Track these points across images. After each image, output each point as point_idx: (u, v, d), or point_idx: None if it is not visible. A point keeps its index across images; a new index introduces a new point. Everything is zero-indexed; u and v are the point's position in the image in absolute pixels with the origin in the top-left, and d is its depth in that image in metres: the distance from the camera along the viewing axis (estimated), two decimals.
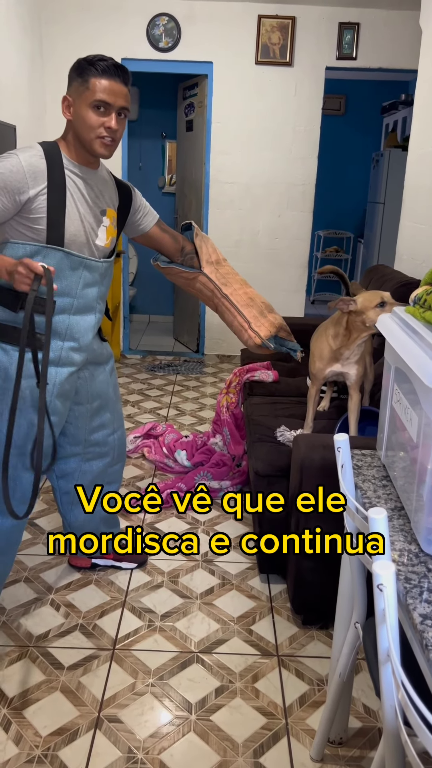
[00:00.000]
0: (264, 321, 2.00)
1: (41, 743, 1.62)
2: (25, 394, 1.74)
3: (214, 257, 2.06)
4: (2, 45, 3.56)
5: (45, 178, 1.62)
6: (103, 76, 1.61)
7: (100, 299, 1.84)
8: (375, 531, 1.03)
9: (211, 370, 4.87)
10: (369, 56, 4.54)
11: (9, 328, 1.70)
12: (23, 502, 1.83)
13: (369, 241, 6.65)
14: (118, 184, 1.89)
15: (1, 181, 1.57)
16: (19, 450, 1.77)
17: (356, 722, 1.73)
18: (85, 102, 1.62)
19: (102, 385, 1.97)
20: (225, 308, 2.03)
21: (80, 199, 1.69)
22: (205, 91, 4.66)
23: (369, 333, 2.12)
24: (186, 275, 2.05)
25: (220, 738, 1.66)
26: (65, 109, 1.67)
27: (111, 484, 2.16)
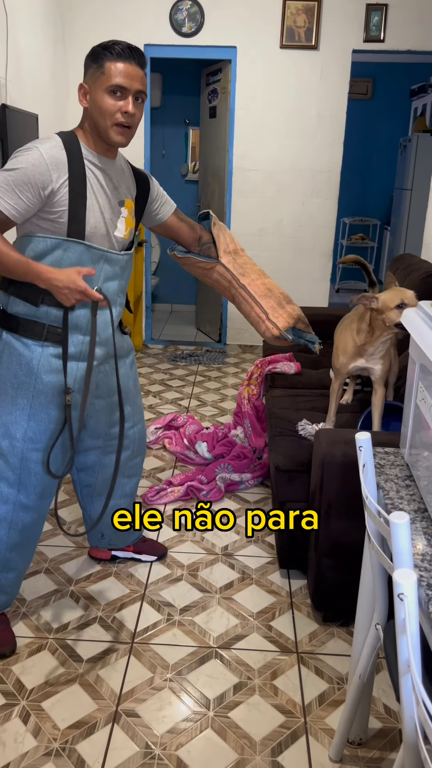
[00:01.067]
0: (282, 312, 1.96)
1: (59, 736, 1.62)
2: (46, 390, 1.73)
3: (232, 247, 2.02)
4: (25, 33, 3.54)
5: (66, 169, 1.59)
6: (118, 60, 1.58)
7: (121, 292, 1.82)
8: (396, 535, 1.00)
9: (233, 360, 4.84)
10: (397, 38, 4.42)
11: (30, 322, 1.69)
12: (43, 496, 1.83)
13: (396, 228, 6.52)
14: (136, 174, 1.86)
15: (25, 176, 1.55)
16: (39, 445, 1.76)
17: (376, 723, 1.70)
18: (101, 87, 1.59)
19: (122, 379, 1.95)
20: (242, 299, 2.00)
21: (99, 190, 1.67)
22: (229, 76, 4.59)
23: (392, 332, 2.07)
24: (203, 265, 2.01)
25: (237, 735, 1.64)
26: (82, 97, 1.64)
27: (132, 477, 2.15)
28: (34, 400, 1.72)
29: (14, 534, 1.81)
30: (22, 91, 3.51)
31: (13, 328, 1.70)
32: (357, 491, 1.85)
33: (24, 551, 1.87)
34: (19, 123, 3.22)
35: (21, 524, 1.81)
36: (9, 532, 1.80)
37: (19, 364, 1.71)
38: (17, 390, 1.72)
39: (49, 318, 1.68)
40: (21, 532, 1.82)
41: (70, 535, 1.82)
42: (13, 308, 1.70)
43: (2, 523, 1.79)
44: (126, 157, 4.80)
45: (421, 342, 1.30)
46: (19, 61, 3.46)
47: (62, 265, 1.64)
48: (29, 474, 1.78)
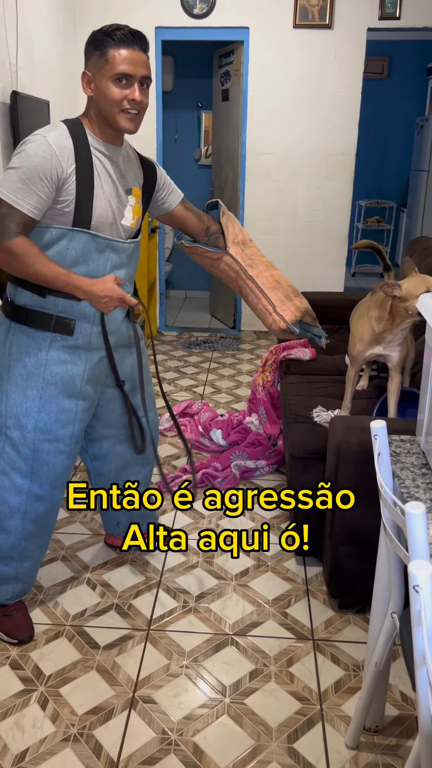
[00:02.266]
0: (290, 305, 1.93)
1: (77, 722, 1.64)
2: (56, 380, 1.73)
3: (240, 237, 1.99)
4: (35, 19, 3.50)
5: (73, 158, 1.57)
6: (121, 46, 1.55)
7: (128, 281, 1.81)
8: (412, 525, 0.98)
9: (247, 346, 4.82)
10: (414, 15, 4.31)
11: (38, 313, 1.68)
12: (56, 486, 1.84)
13: (412, 210, 6.42)
14: (142, 161, 1.83)
15: (37, 170, 1.52)
16: (50, 435, 1.77)
17: (393, 710, 1.70)
18: (105, 76, 1.56)
19: (132, 368, 1.95)
20: (250, 290, 1.97)
21: (106, 178, 1.65)
22: (241, 58, 4.52)
23: (413, 320, 2.03)
24: (210, 255, 1.99)
25: (254, 722, 1.65)
26: (86, 86, 1.61)
27: (145, 465, 2.15)
28: (44, 391, 1.73)
29: (29, 524, 1.83)
30: (33, 77, 3.49)
31: (21, 320, 1.70)
32: (373, 479, 1.83)
33: (39, 540, 1.89)
34: (30, 110, 3.20)
35: (35, 514, 1.83)
36: (23, 522, 1.82)
37: (27, 355, 1.71)
38: (27, 381, 1.72)
39: (57, 308, 1.68)
40: (35, 522, 1.84)
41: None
42: (20, 300, 1.70)
43: (16, 514, 1.80)
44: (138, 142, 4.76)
45: None
46: (29, 48, 3.43)
47: (67, 254, 1.64)
48: (41, 464, 1.78)
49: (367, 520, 1.88)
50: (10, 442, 1.76)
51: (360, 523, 1.90)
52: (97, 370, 1.80)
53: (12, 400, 1.73)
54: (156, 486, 2.73)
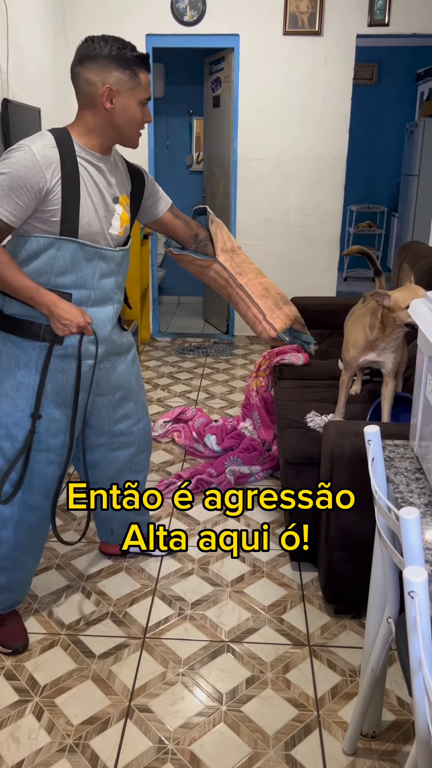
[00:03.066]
0: (279, 313, 1.94)
1: (73, 732, 1.63)
2: (46, 390, 1.72)
3: (229, 245, 1.99)
4: (25, 26, 3.51)
5: (59, 168, 1.57)
6: (147, 71, 1.63)
7: (118, 289, 1.80)
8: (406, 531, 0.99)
9: (241, 351, 4.82)
10: (402, 21, 4.35)
11: (27, 323, 1.68)
12: (48, 496, 1.83)
13: (403, 215, 6.46)
14: (130, 169, 1.83)
15: (20, 179, 1.52)
16: (41, 445, 1.76)
17: (390, 715, 1.69)
18: (135, 97, 1.61)
19: (123, 376, 1.94)
20: (239, 298, 1.98)
21: (93, 188, 1.65)
22: (232, 65, 4.54)
23: (402, 330, 2.04)
24: (200, 263, 1.99)
25: (251, 729, 1.64)
26: (106, 100, 1.59)
27: (138, 473, 2.15)
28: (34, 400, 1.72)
29: (21, 534, 1.82)
30: (23, 84, 3.49)
31: (11, 329, 1.69)
32: (367, 483, 1.84)
33: (32, 550, 1.88)
34: (21, 117, 3.20)
35: (27, 524, 1.82)
36: (16, 533, 1.81)
37: (17, 365, 1.70)
38: (17, 391, 1.71)
39: (46, 318, 1.67)
40: (28, 532, 1.83)
41: (64, 542, 1.83)
42: (9, 309, 1.69)
43: (8, 524, 1.79)
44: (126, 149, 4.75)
45: (429, 334, 1.28)
46: (20, 55, 3.43)
47: (56, 263, 1.63)
48: (32, 474, 1.78)
49: (361, 524, 1.88)
50: (1, 452, 1.74)
51: (355, 528, 1.90)
52: (86, 378, 1.79)
53: (2, 410, 1.72)
54: (155, 487, 2.72)
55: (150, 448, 2.17)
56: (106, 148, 1.67)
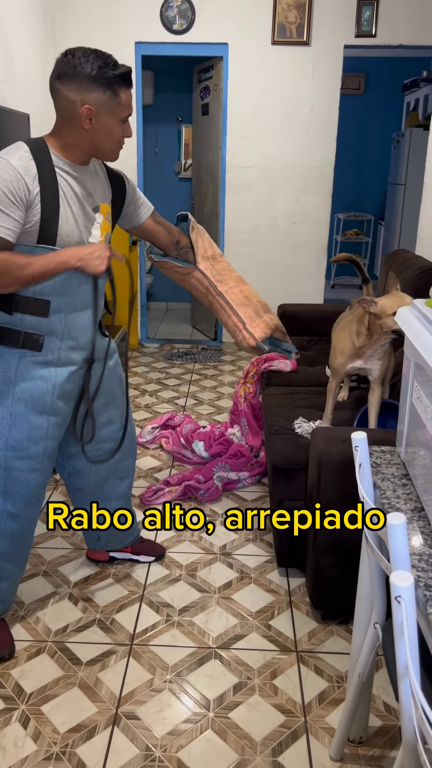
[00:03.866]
0: (259, 322, 1.95)
1: (59, 740, 1.62)
2: (25, 397, 1.71)
3: (210, 252, 2.00)
4: (15, 32, 3.51)
5: (37, 180, 1.56)
6: (129, 88, 1.60)
7: (99, 295, 1.80)
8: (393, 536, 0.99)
9: (229, 357, 4.84)
10: (389, 33, 4.40)
11: (6, 330, 1.67)
12: (30, 504, 1.82)
13: (390, 223, 6.52)
14: (110, 175, 1.82)
15: (7, 191, 1.50)
16: (22, 453, 1.75)
17: (376, 721, 1.70)
18: (115, 116, 1.60)
19: (105, 381, 1.93)
20: (219, 306, 1.98)
21: (72, 197, 1.64)
22: (221, 73, 4.57)
23: (389, 337, 2.06)
24: (180, 270, 1.99)
25: (238, 736, 1.64)
26: (85, 120, 1.57)
27: (124, 479, 2.14)
28: (14, 408, 1.71)
29: (4, 543, 1.80)
30: (12, 90, 3.49)
31: None
32: (354, 489, 1.84)
33: (16, 559, 1.86)
34: (10, 123, 3.20)
35: (10, 533, 1.81)
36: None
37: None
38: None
39: (24, 325, 1.66)
40: (10, 541, 1.82)
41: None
42: None
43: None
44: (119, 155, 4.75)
45: (415, 341, 1.30)
46: (10, 62, 3.44)
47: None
48: (14, 482, 1.77)
49: (348, 530, 1.89)
50: None
51: (342, 534, 1.91)
52: (68, 385, 1.78)
53: None
54: (127, 509, 2.72)
55: (135, 454, 2.17)
56: (84, 159, 1.66)
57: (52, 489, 2.82)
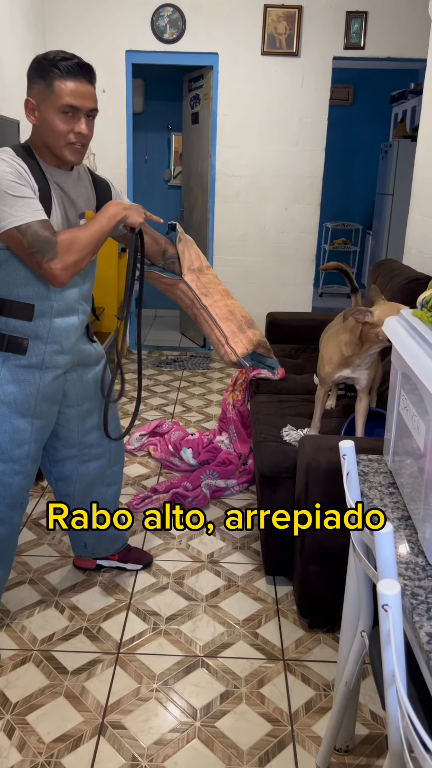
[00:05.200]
0: (242, 337, 1.95)
1: (45, 750, 1.60)
2: (9, 399, 1.71)
3: (197, 264, 1.99)
4: (6, 39, 3.52)
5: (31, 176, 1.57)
6: (68, 78, 1.52)
7: (83, 300, 1.79)
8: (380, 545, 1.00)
9: (217, 365, 4.84)
10: (377, 45, 4.46)
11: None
12: (14, 507, 1.81)
13: (378, 232, 6.57)
14: (95, 182, 1.82)
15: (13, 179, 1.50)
16: (5, 455, 1.74)
17: (363, 729, 1.70)
18: (51, 107, 1.54)
19: (91, 387, 1.93)
20: (203, 319, 1.98)
21: (59, 204, 1.64)
22: (211, 82, 4.60)
23: (382, 345, 2.07)
24: (166, 281, 1.99)
25: (225, 745, 1.64)
26: (29, 114, 1.58)
27: (111, 485, 2.13)
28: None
29: None
30: (3, 97, 3.49)
31: None
32: (342, 497, 1.86)
33: (1, 562, 1.85)
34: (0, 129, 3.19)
35: None
36: None
37: None
38: None
39: (8, 328, 1.66)
40: None
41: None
42: None
43: None
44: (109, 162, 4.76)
45: (402, 350, 1.31)
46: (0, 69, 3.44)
47: (18, 274, 1.61)
48: None
49: (336, 538, 1.90)
50: None
51: (329, 542, 1.91)
52: (52, 388, 1.78)
53: None
54: (125, 506, 2.71)
55: (122, 461, 2.16)
56: (58, 163, 1.64)
57: (39, 496, 2.81)
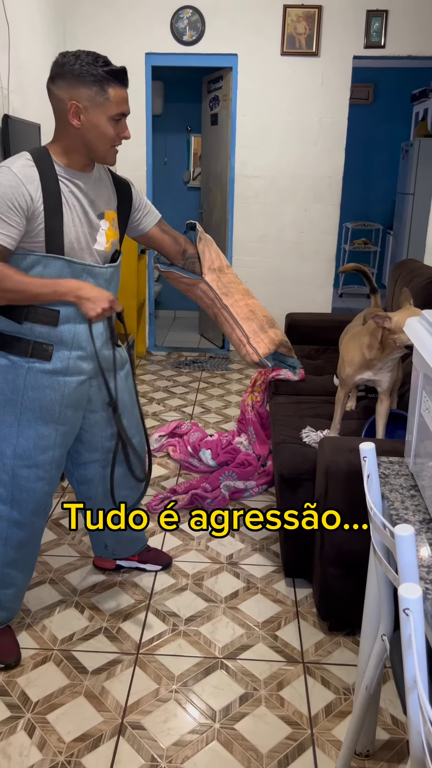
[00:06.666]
0: (264, 337, 1.93)
1: (65, 749, 1.61)
2: (33, 406, 1.72)
3: (217, 264, 1.98)
4: (26, 43, 3.55)
5: (39, 185, 1.57)
6: (121, 86, 1.59)
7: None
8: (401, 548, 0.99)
9: (236, 366, 4.84)
10: (398, 44, 4.42)
11: (15, 339, 1.68)
12: (37, 513, 1.83)
13: (398, 232, 6.52)
14: (116, 182, 1.82)
15: (7, 198, 1.52)
16: (29, 461, 1.76)
17: (384, 734, 1.69)
18: (104, 113, 1.58)
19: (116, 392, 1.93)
20: (224, 319, 1.97)
21: (75, 204, 1.65)
22: (230, 84, 4.60)
23: (402, 352, 2.05)
24: (186, 281, 1.98)
25: (244, 748, 1.63)
26: (72, 116, 1.59)
27: (132, 489, 2.14)
28: (22, 416, 1.72)
29: (10, 550, 1.81)
30: (24, 101, 3.53)
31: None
32: (362, 499, 1.84)
33: (22, 567, 1.87)
34: (21, 133, 3.23)
35: (16, 540, 1.81)
36: (4, 548, 1.80)
37: (5, 381, 1.70)
38: (4, 407, 1.71)
39: (34, 334, 1.67)
40: (16, 549, 1.82)
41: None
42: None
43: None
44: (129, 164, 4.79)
45: (424, 351, 1.30)
46: (21, 71, 3.47)
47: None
48: (21, 490, 1.77)
49: (356, 541, 1.88)
50: None
51: (349, 545, 1.90)
52: (76, 394, 1.78)
53: None
54: (143, 507, 2.72)
55: (145, 464, 2.17)
56: (84, 164, 1.67)
57: (59, 496, 2.83)
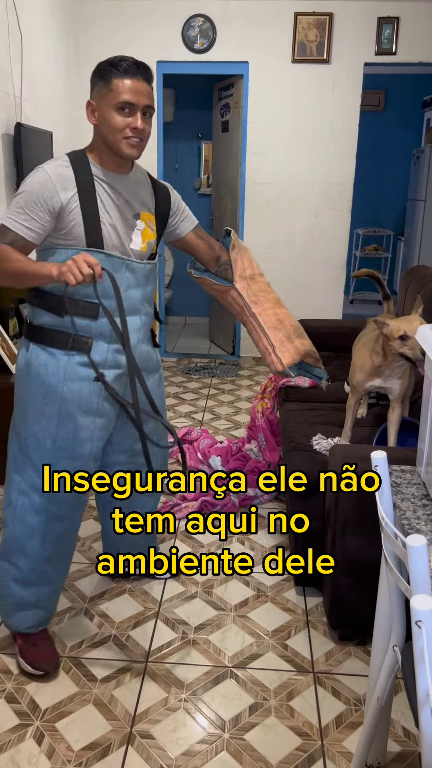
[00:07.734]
0: (289, 347, 1.93)
1: (73, 758, 1.61)
2: (73, 397, 1.73)
3: (249, 272, 1.99)
4: (39, 52, 3.59)
5: (74, 185, 1.62)
6: (125, 76, 1.60)
7: (146, 302, 1.82)
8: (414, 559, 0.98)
9: (246, 372, 4.83)
10: (409, 50, 4.42)
11: (56, 332, 1.71)
12: (75, 507, 1.84)
13: (410, 239, 6.49)
14: (155, 185, 1.85)
15: (33, 196, 1.59)
16: (68, 453, 1.77)
17: (395, 746, 1.66)
18: (109, 104, 1.61)
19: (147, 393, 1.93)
20: (252, 327, 1.98)
21: (110, 204, 1.68)
22: (241, 91, 4.62)
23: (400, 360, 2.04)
24: (218, 287, 2.00)
25: (253, 758, 1.62)
26: (90, 115, 1.66)
27: (152, 494, 2.14)
28: (62, 408, 1.73)
29: (48, 545, 1.82)
30: (36, 109, 3.56)
31: (40, 339, 1.72)
32: (373, 508, 1.82)
33: (59, 564, 1.88)
34: (33, 141, 3.25)
35: (55, 534, 1.82)
36: (44, 544, 1.81)
37: (46, 373, 1.72)
38: (45, 399, 1.73)
39: (74, 327, 1.70)
40: (55, 543, 1.83)
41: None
42: (38, 320, 1.73)
43: (35, 535, 1.80)
44: None
45: None
46: (33, 81, 3.50)
47: None
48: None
49: (367, 550, 1.86)
50: (30, 461, 1.76)
51: (361, 554, 1.88)
52: (115, 386, 1.79)
53: (31, 418, 1.74)
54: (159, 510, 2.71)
55: (166, 469, 2.17)
56: (117, 164, 1.70)
57: None
